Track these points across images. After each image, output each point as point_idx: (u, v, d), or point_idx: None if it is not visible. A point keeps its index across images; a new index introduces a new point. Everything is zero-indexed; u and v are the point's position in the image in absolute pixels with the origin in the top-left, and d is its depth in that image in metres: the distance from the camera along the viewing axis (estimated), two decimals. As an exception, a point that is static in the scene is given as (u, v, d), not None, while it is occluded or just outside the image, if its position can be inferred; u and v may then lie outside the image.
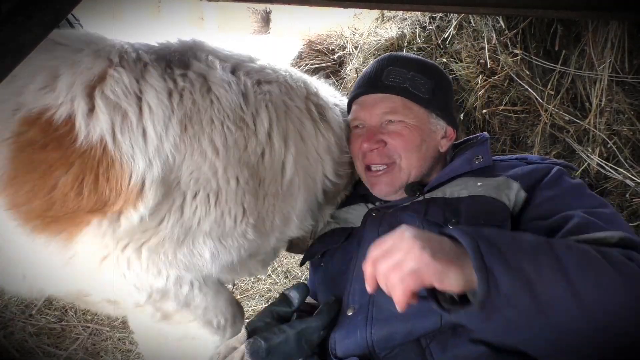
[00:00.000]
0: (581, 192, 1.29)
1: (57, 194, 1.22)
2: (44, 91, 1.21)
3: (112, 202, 1.25)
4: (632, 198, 2.65)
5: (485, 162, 1.43)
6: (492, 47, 2.82)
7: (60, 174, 1.21)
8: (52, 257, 1.28)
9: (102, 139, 1.22)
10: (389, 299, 1.26)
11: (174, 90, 1.29)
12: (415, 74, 1.51)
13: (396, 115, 1.49)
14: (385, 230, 1.39)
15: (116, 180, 1.24)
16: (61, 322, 2.58)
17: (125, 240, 1.30)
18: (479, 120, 3.09)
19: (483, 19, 2.85)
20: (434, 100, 1.52)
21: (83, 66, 1.24)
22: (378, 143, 1.49)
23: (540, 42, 2.76)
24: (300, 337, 1.25)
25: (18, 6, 0.91)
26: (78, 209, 1.24)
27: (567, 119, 2.74)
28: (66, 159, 1.21)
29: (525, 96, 2.86)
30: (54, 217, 1.24)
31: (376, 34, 3.39)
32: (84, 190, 1.22)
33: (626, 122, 2.60)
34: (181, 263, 1.34)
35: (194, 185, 1.31)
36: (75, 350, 2.41)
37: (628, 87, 2.58)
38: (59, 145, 1.21)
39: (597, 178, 2.79)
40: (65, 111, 1.20)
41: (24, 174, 1.20)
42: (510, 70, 2.80)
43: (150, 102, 1.26)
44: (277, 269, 2.99)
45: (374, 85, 1.54)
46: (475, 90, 2.98)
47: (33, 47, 0.98)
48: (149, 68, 1.30)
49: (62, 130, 1.20)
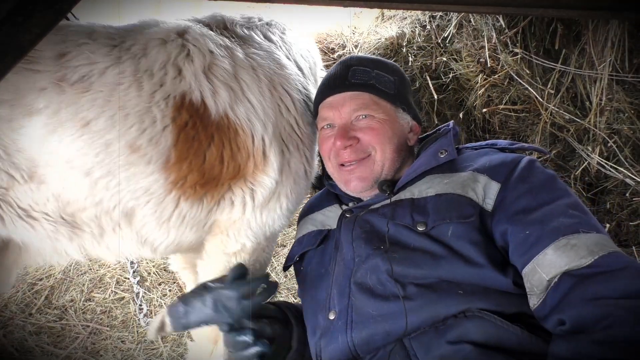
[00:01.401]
0: (552, 187, 1.27)
1: (206, 165, 1.49)
2: (177, 80, 1.46)
3: (244, 164, 1.53)
4: (632, 197, 2.65)
5: (450, 155, 1.44)
6: (492, 46, 2.82)
7: (207, 147, 1.48)
8: (194, 219, 1.56)
9: (225, 112, 1.49)
10: (366, 302, 1.29)
11: (256, 67, 1.58)
12: (379, 72, 1.55)
13: (366, 110, 1.51)
14: (358, 233, 1.41)
15: (243, 145, 1.52)
16: (61, 321, 2.58)
17: (261, 195, 1.60)
18: (479, 119, 3.10)
19: (483, 17, 2.84)
20: (399, 96, 1.55)
21: (195, 55, 1.50)
22: (351, 140, 1.49)
23: (541, 41, 2.76)
24: (216, 301, 1.35)
25: (18, 6, 0.91)
26: (221, 176, 1.52)
27: (567, 118, 2.74)
28: (209, 133, 1.48)
29: (525, 95, 2.85)
30: (203, 184, 1.51)
31: (376, 33, 3.38)
32: (224, 158, 1.51)
33: (626, 121, 2.60)
34: (288, 212, 1.70)
35: (287, 139, 1.62)
36: (75, 350, 2.41)
37: (628, 86, 2.58)
38: (202, 121, 1.47)
39: (597, 177, 2.79)
40: (199, 93, 1.47)
41: (183, 152, 1.45)
42: (511, 69, 2.79)
43: (244, 78, 1.54)
44: (276, 267, 2.99)
45: (340, 85, 1.55)
46: (475, 89, 2.98)
47: (32, 47, 0.97)
48: (234, 51, 1.58)
49: (201, 109, 1.47)
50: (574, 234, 1.13)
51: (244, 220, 1.62)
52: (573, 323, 1.06)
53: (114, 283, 2.82)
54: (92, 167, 1.39)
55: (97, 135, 1.37)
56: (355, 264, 1.37)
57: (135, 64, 1.43)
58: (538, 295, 1.14)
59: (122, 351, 2.43)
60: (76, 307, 2.67)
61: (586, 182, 2.84)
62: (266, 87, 1.57)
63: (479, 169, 1.35)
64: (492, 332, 1.14)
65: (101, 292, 2.77)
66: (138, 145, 1.40)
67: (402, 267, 1.28)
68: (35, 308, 2.64)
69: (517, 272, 1.21)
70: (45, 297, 2.71)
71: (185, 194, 1.50)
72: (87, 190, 1.41)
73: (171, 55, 1.48)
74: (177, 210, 1.52)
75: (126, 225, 1.51)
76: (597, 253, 1.09)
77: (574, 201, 1.24)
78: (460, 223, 1.27)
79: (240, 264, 1.41)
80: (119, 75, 1.40)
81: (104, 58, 1.40)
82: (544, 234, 1.16)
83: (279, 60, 1.65)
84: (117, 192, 1.44)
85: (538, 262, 1.14)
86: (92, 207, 1.45)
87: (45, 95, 1.33)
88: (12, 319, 2.56)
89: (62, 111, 1.34)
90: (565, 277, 1.09)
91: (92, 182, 1.41)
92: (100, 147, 1.38)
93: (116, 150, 1.39)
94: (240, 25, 1.69)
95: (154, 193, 1.46)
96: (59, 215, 1.45)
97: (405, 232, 1.33)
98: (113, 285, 2.81)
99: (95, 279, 2.85)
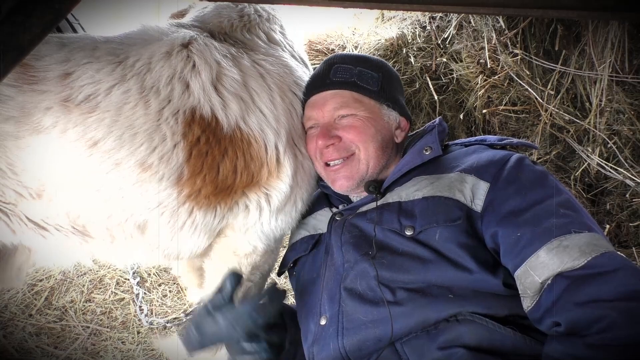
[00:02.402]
0: (542, 185, 1.25)
1: (220, 177, 1.48)
2: (186, 95, 1.44)
3: (257, 172, 1.52)
4: (632, 198, 2.65)
5: (434, 152, 1.42)
6: (492, 47, 2.82)
7: (220, 160, 1.47)
8: (207, 226, 1.55)
9: (237, 124, 1.48)
10: (357, 307, 1.28)
11: (265, 75, 1.57)
12: (362, 69, 1.54)
13: (347, 109, 1.50)
14: (346, 238, 1.41)
15: (256, 154, 1.51)
16: (61, 322, 2.57)
17: (277, 201, 1.59)
18: (479, 120, 3.09)
19: (483, 18, 2.84)
20: (383, 92, 1.54)
21: (201, 68, 1.47)
22: (333, 139, 1.49)
23: (540, 42, 2.76)
24: (228, 320, 1.28)
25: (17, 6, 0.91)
26: (234, 184, 1.52)
27: (567, 119, 2.74)
28: (222, 147, 1.47)
29: (525, 96, 2.85)
30: (216, 194, 1.50)
31: (376, 34, 3.38)
32: (237, 169, 1.50)
33: (626, 122, 2.60)
34: (299, 213, 1.68)
35: (299, 141, 1.61)
36: (75, 350, 2.41)
37: (628, 87, 2.58)
38: (214, 136, 1.46)
39: (597, 178, 2.79)
40: (209, 108, 1.45)
41: (197, 167, 1.45)
42: (510, 70, 2.79)
43: (254, 87, 1.53)
44: (275, 269, 2.99)
45: (322, 84, 1.56)
46: (475, 90, 2.97)
47: (32, 47, 0.98)
48: (241, 60, 1.56)
49: (212, 124, 1.45)
50: (565, 234, 1.12)
51: (259, 224, 1.61)
52: (567, 325, 1.05)
53: (114, 284, 2.81)
54: (102, 185, 1.39)
55: (107, 155, 1.37)
56: (345, 269, 1.36)
57: (141, 81, 1.42)
58: (531, 297, 1.13)
59: (122, 352, 2.42)
60: (76, 308, 2.66)
61: (586, 183, 2.84)
62: (277, 95, 1.56)
63: (466, 169, 1.33)
64: (484, 335, 1.14)
65: (101, 293, 2.77)
66: (149, 163, 1.39)
67: (391, 272, 1.27)
68: (35, 309, 2.64)
69: (507, 273, 1.20)
70: (45, 298, 2.70)
71: (199, 204, 1.49)
72: (97, 205, 1.41)
73: (177, 69, 1.45)
74: (190, 220, 1.51)
75: (139, 235, 1.50)
76: (589, 254, 1.08)
77: (565, 199, 1.22)
78: (447, 226, 1.26)
79: (233, 272, 1.37)
80: (125, 94, 1.39)
81: (108, 77, 1.39)
82: (535, 236, 1.14)
83: (287, 64, 1.65)
84: (129, 207, 1.44)
85: (530, 265, 1.13)
86: (104, 220, 1.45)
87: (52, 115, 1.33)
88: (12, 319, 2.55)
89: (70, 131, 1.33)
90: (558, 279, 1.09)
91: (103, 199, 1.41)
92: (110, 167, 1.37)
93: (127, 169, 1.39)
94: (240, 28, 1.66)
95: (167, 206, 1.46)
96: (70, 227, 1.45)
97: (393, 237, 1.33)
98: (113, 286, 2.80)
99: (95, 279, 2.85)
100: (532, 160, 1.35)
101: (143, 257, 1.60)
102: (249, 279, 1.68)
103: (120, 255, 1.57)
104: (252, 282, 1.69)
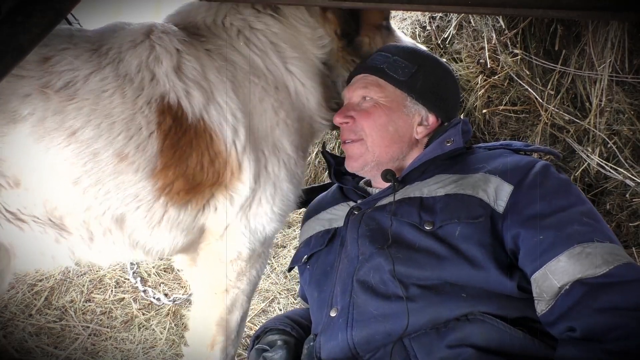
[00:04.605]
0: (567, 193, 1.27)
1: (189, 171, 1.44)
2: (154, 83, 1.41)
3: (222, 171, 1.48)
4: (632, 198, 2.64)
5: (456, 144, 1.41)
6: (492, 47, 2.82)
7: (189, 153, 1.43)
8: (182, 223, 1.52)
9: (201, 115, 1.43)
10: (368, 300, 1.28)
11: (219, 67, 1.49)
12: (398, 58, 1.55)
13: (369, 92, 1.54)
14: (363, 230, 1.40)
15: (219, 151, 1.46)
16: (61, 322, 2.58)
17: (240, 200, 1.53)
18: (479, 120, 3.09)
19: (483, 18, 2.84)
20: (412, 84, 1.51)
21: (162, 55, 1.44)
22: (347, 118, 1.54)
23: (540, 42, 2.76)
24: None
25: (17, 6, 0.91)
26: (202, 183, 1.47)
27: (567, 119, 2.74)
28: (188, 138, 1.42)
29: (525, 96, 2.85)
30: (187, 190, 1.47)
31: (376, 34, 3.38)
32: (204, 165, 1.45)
33: (626, 122, 2.60)
34: (278, 215, 1.62)
35: (264, 141, 1.53)
36: (75, 350, 2.41)
37: (628, 87, 2.58)
38: (181, 125, 1.41)
39: (597, 178, 2.79)
40: (174, 95, 1.42)
41: (168, 158, 1.41)
42: (510, 70, 2.79)
43: (210, 78, 1.46)
44: (276, 268, 2.99)
45: (360, 67, 1.63)
46: (475, 90, 2.97)
47: (32, 47, 0.98)
48: (199, 47, 1.50)
49: (179, 112, 1.41)
50: (588, 242, 1.12)
51: (236, 228, 1.59)
52: (584, 331, 1.05)
53: (113, 284, 2.82)
54: (80, 176, 1.36)
55: (84, 145, 1.34)
56: (359, 262, 1.36)
57: (115, 69, 1.40)
58: (547, 301, 1.13)
59: (122, 352, 2.42)
60: (76, 307, 2.67)
61: (586, 183, 2.84)
62: (230, 88, 1.49)
63: (491, 171, 1.33)
64: (494, 335, 1.14)
65: (101, 293, 2.77)
66: (126, 153, 1.37)
67: (406, 267, 1.27)
68: (35, 309, 2.64)
69: (523, 276, 1.20)
70: (45, 298, 2.70)
71: (172, 200, 1.47)
72: (75, 197, 1.39)
73: (142, 58, 1.44)
74: (167, 216, 1.49)
75: (117, 229, 1.48)
76: (612, 263, 1.08)
77: (589, 209, 1.23)
78: (468, 224, 1.25)
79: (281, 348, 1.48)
80: (102, 81, 1.37)
81: (86, 64, 1.37)
82: (558, 240, 1.14)
83: (253, 59, 1.56)
84: (106, 200, 1.41)
85: (550, 268, 1.13)
86: (81, 212, 1.42)
87: (30, 102, 1.29)
88: (12, 319, 2.55)
89: (48, 119, 1.31)
90: (577, 285, 1.09)
91: (81, 191, 1.38)
92: (88, 157, 1.35)
93: (104, 159, 1.37)
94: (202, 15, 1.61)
95: (143, 200, 1.44)
96: (47, 219, 1.42)
97: (411, 231, 1.32)
98: (113, 286, 2.80)
99: (95, 279, 2.85)
100: (556, 168, 1.35)
101: (123, 254, 1.56)
102: (236, 285, 1.64)
103: (101, 252, 1.53)
104: (239, 289, 1.66)
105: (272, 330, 1.59)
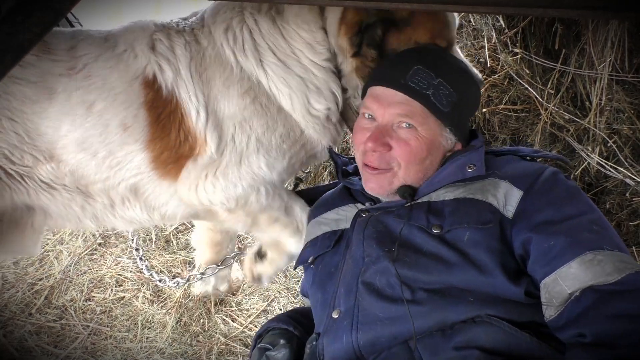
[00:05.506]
0: (576, 201, 1.27)
1: (170, 144, 1.62)
2: (138, 59, 1.60)
3: (193, 146, 1.64)
4: (632, 197, 2.64)
5: (477, 171, 1.36)
6: (492, 46, 2.82)
7: (169, 126, 1.61)
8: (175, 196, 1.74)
9: (173, 89, 1.60)
10: (373, 303, 1.27)
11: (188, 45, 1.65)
12: (442, 81, 1.42)
13: (411, 120, 1.41)
14: (370, 232, 1.39)
15: (189, 128, 1.62)
16: (61, 321, 2.58)
17: (204, 172, 1.68)
18: (479, 119, 3.09)
19: (483, 17, 2.84)
20: (453, 116, 1.44)
21: (138, 32, 1.65)
22: (384, 146, 1.42)
23: (540, 41, 2.75)
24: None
25: (17, 5, 0.91)
26: (182, 156, 1.65)
27: (567, 118, 2.74)
28: (168, 111, 1.60)
29: (525, 95, 2.85)
30: (172, 163, 1.66)
31: (376, 33, 3.38)
32: (181, 139, 1.62)
33: (626, 121, 2.59)
34: (247, 175, 1.72)
35: (230, 120, 1.65)
36: (75, 349, 2.41)
37: (628, 86, 2.57)
38: (160, 98, 1.59)
39: (597, 177, 2.79)
40: (151, 70, 1.60)
41: (156, 130, 1.60)
42: (510, 69, 2.79)
43: (177, 53, 1.62)
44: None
45: (395, 81, 1.43)
46: (475, 89, 2.97)
47: (32, 47, 0.98)
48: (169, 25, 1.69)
49: (156, 85, 1.59)
50: (599, 250, 1.12)
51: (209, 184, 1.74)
52: (595, 336, 1.05)
53: (114, 283, 2.82)
54: (98, 147, 1.60)
55: (98, 116, 1.58)
56: (364, 264, 1.35)
57: (113, 48, 1.63)
58: (556, 307, 1.12)
59: (122, 351, 2.43)
60: (76, 307, 2.67)
61: (586, 182, 2.84)
62: (194, 65, 1.64)
63: (500, 176, 1.32)
64: (501, 338, 1.13)
65: (101, 292, 2.77)
66: (128, 124, 1.59)
67: (413, 272, 1.26)
68: (35, 308, 2.64)
69: (531, 281, 1.20)
70: (45, 297, 2.71)
71: (164, 172, 1.68)
72: (95, 168, 1.63)
73: (128, 39, 1.65)
74: (164, 186, 1.71)
75: (133, 198, 1.73)
76: (623, 271, 1.08)
77: (598, 216, 1.23)
78: (478, 229, 1.24)
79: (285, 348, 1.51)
80: (108, 60, 1.61)
81: (98, 49, 1.62)
82: (569, 247, 1.14)
83: (217, 41, 1.68)
84: (118, 170, 1.65)
85: (561, 274, 1.13)
86: (101, 182, 1.66)
87: (62, 80, 1.55)
88: (12, 318, 2.56)
89: (73, 95, 1.55)
90: (588, 292, 1.08)
91: (99, 162, 1.62)
92: (102, 127, 1.58)
93: (113, 129, 1.59)
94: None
95: (144, 171, 1.66)
96: (75, 187, 1.67)
97: (418, 234, 1.31)
98: (113, 285, 2.80)
99: (95, 279, 2.85)
100: (565, 175, 1.35)
101: (143, 216, 1.79)
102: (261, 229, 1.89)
103: (122, 218, 1.78)
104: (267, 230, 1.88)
105: (274, 329, 1.58)
